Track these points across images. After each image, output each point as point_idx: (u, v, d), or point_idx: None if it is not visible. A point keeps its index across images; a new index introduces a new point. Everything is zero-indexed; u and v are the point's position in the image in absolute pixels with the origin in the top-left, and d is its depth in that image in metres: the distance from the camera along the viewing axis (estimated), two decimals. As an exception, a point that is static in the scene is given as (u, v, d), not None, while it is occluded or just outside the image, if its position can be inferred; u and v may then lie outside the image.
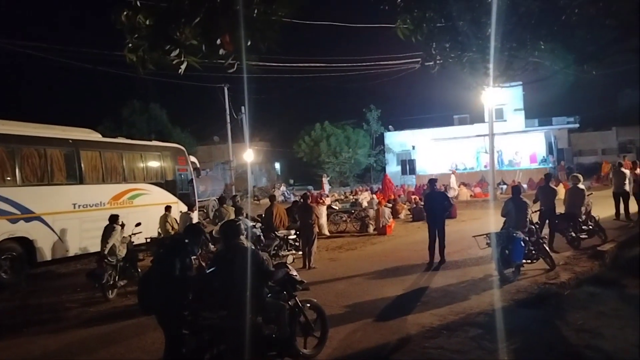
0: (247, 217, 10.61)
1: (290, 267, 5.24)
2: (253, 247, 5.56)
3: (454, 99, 32.21)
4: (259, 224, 10.66)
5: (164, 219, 11.66)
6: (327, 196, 19.72)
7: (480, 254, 9.17)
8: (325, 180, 31.40)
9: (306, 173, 41.63)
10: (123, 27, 3.62)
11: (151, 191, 13.50)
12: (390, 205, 16.72)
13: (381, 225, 14.38)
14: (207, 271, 4.99)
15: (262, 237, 10.10)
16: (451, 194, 24.66)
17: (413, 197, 19.18)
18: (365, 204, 16.75)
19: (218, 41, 3.67)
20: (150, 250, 10.64)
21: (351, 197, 19.32)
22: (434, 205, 9.12)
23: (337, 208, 16.44)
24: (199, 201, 17.60)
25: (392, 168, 37.32)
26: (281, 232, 10.65)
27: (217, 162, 41.57)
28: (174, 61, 3.70)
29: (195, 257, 4.90)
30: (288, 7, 3.68)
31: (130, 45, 3.64)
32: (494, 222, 10.28)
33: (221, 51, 3.71)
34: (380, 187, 25.32)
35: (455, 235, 12.75)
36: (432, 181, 9.48)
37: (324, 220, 14.84)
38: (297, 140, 40.65)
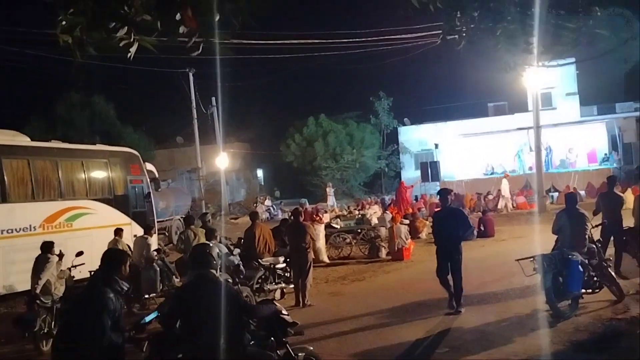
0: (221, 241, 10.62)
1: (279, 304, 5.23)
2: (229, 280, 5.53)
3: (488, 82, 32.37)
4: (237, 250, 10.70)
5: (113, 245, 11.61)
6: (326, 212, 19.76)
7: (525, 282, 9.20)
8: (329, 190, 31.47)
9: (297, 182, 41.77)
10: (54, 0, 3.53)
11: (96, 210, 13.55)
12: (408, 221, 16.77)
13: (396, 248, 14.45)
14: (166, 312, 4.97)
15: (241, 266, 10.12)
16: (501, 204, 24.87)
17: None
18: (374, 220, 16.80)
19: (177, 16, 3.56)
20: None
21: (357, 212, 19.35)
22: (445, 227, 8.59)
23: (338, 227, 16.50)
24: (158, 222, 17.61)
25: (410, 173, 37.51)
26: (266, 260, 10.70)
27: (182, 170, 41.66)
28: (121, 43, 3.59)
29: (121, 293, 4.83)
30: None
31: (64, 23, 3.49)
32: (542, 240, 10.33)
33: (182, 28, 3.59)
34: (394, 198, 25.48)
35: (493, 260, 12.85)
36: (444, 193, 8.90)
37: (321, 243, 14.89)
38: (285, 140, 40.84)
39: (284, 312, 5.12)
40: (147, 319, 5.42)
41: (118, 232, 11.88)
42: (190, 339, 4.55)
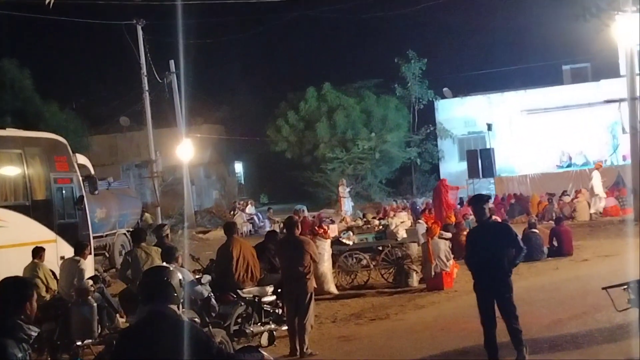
0: (183, 264, 10.67)
1: (266, 354, 5.27)
2: (196, 320, 5.54)
3: (562, 36, 32.30)
4: (207, 277, 10.75)
5: (31, 272, 11.74)
6: (333, 222, 19.78)
7: (617, 319, 9.25)
8: (343, 191, 31.53)
9: (292, 181, 41.89)
10: None
11: (6, 221, 13.63)
12: (450, 235, 16.79)
13: (433, 273, 14.47)
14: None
15: (213, 300, 10.19)
16: (594, 207, 24.68)
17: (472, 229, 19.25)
18: (402, 233, 16.82)
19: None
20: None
21: (376, 222, 19.37)
22: (484, 252, 8.53)
23: (350, 243, 16.54)
24: (95, 237, 17.65)
25: (452, 166, 37.57)
26: (249, 291, 10.77)
27: (128, 164, 41.88)
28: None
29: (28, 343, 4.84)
30: None
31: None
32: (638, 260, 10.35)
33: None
34: (431, 202, 25.44)
35: (571, 288, 12.89)
36: (478, 201, 8.78)
37: (327, 266, 14.94)
38: (275, 120, 41.14)
39: (274, 364, 5.16)
40: None
41: (38, 253, 11.95)
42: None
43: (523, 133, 33.88)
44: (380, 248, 16.23)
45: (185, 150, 33.44)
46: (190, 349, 4.61)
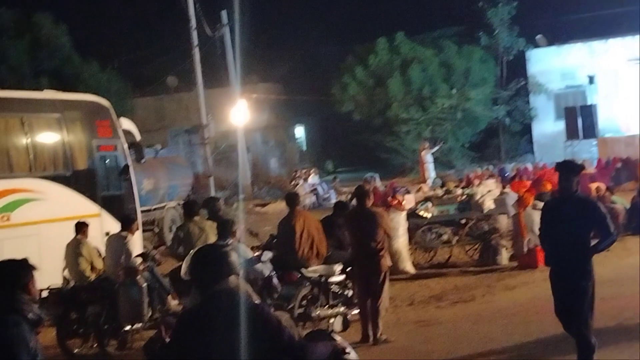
0: (240, 240, 10.78)
1: (339, 338, 5.30)
2: (257, 300, 5.59)
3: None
4: (267, 254, 10.87)
5: (74, 250, 12.06)
6: (408, 192, 19.73)
7: None
8: (426, 155, 31.11)
9: (361, 146, 41.85)
10: None
11: (45, 194, 14.00)
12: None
13: (525, 249, 14.43)
14: (160, 355, 5.09)
15: (274, 279, 10.29)
16: None
17: (594, 187, 18.88)
18: (489, 204, 16.66)
19: None
20: (49, 312, 11.11)
21: (459, 191, 19.22)
22: (563, 230, 7.91)
23: (429, 216, 16.49)
24: (143, 211, 17.96)
25: (546, 126, 37.02)
26: (314, 270, 10.88)
27: (177, 129, 42.38)
28: None
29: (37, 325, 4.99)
30: None
31: None
32: None
33: None
34: (522, 168, 25.08)
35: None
36: (567, 168, 8.19)
37: (402, 242, 14.99)
38: (340, 77, 41.27)
39: (350, 351, 5.17)
40: None
41: (80, 228, 12.21)
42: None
43: (631, 86, 33.02)
44: (464, 221, 16.22)
45: (240, 113, 33.74)
46: (258, 334, 4.66)
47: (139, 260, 11.72)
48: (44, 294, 11.34)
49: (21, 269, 5.06)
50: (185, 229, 11.37)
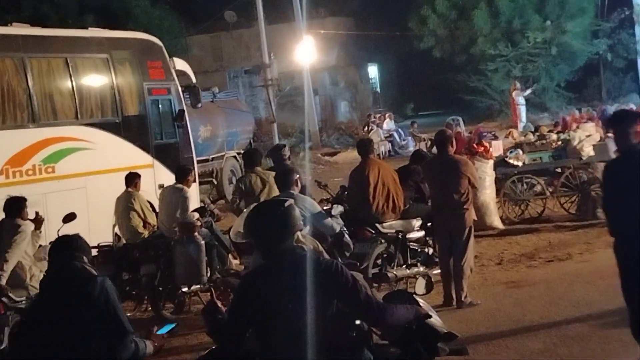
0: (305, 191, 10.82)
1: (422, 302, 5.33)
2: (328, 258, 5.69)
3: None
4: (338, 208, 10.87)
5: (125, 204, 12.26)
6: (495, 137, 19.57)
7: None
8: (518, 97, 30.46)
9: (442, 87, 41.48)
10: None
11: (93, 142, 14.23)
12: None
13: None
14: (223, 319, 5.15)
15: (346, 236, 10.35)
16: None
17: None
18: (588, 150, 16.43)
19: None
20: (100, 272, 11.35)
21: (554, 136, 19.00)
22: (627, 195, 7.19)
23: (519, 164, 16.37)
24: (200, 162, 18.25)
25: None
26: (390, 225, 10.93)
27: (235, 69, 42.56)
28: None
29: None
30: None
31: None
32: None
33: None
34: (626, 109, 24.54)
35: None
36: (620, 120, 7.54)
37: (489, 194, 14.96)
38: (419, 9, 40.97)
39: (433, 315, 5.20)
40: (162, 330, 5.77)
41: (132, 180, 12.41)
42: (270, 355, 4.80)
43: None
44: (559, 170, 16.07)
45: (306, 51, 33.79)
46: (331, 294, 4.74)
47: (197, 215, 11.79)
48: (94, 252, 11.63)
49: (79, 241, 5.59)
50: (246, 180, 11.41)
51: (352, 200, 11.34)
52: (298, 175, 9.80)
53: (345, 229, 10.38)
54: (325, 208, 10.62)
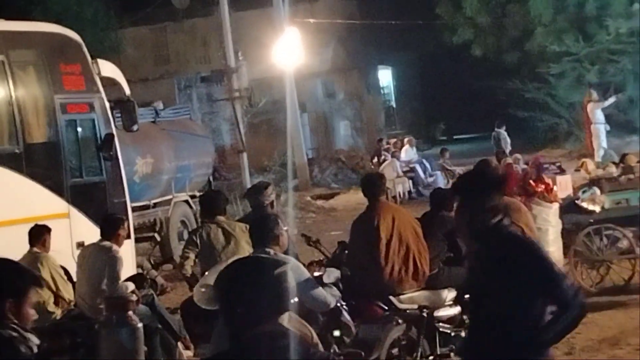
0: (288, 250, 10.74)
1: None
2: (321, 351, 5.66)
3: None
4: (333, 273, 10.87)
5: (29, 267, 12.19)
6: (563, 171, 19.59)
7: None
8: (593, 111, 30.11)
9: (485, 98, 41.35)
10: None
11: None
12: None
13: None
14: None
15: (345, 314, 10.31)
16: None
17: None
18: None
19: None
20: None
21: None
22: None
23: (597, 209, 16.38)
24: (137, 209, 18.14)
25: None
26: (410, 298, 10.97)
27: (189, 76, 42.31)
28: None
29: None
30: None
31: None
32: None
33: None
34: None
35: None
36: None
37: (553, 252, 14.71)
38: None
39: None
40: None
41: (38, 236, 12.41)
42: None
43: None
44: (656, 218, 16.02)
45: (289, 48, 33.80)
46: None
47: (131, 286, 11.81)
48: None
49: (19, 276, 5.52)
50: (203, 233, 11.47)
51: (356, 262, 11.35)
52: (284, 229, 9.76)
53: (343, 303, 10.37)
54: (316, 274, 10.56)
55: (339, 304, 10.18)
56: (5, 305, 5.34)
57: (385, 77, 50.09)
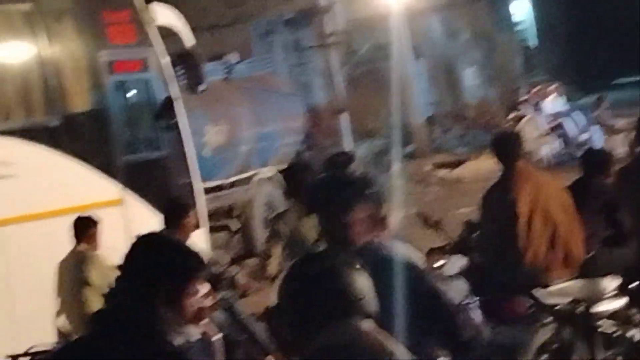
0: (398, 236, 10.70)
1: None
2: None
3: None
4: (459, 261, 10.86)
5: (74, 273, 12.43)
6: None
7: None
8: None
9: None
10: None
11: (12, 165, 14.24)
12: None
13: None
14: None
15: (473, 310, 10.21)
16: None
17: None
18: None
19: None
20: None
21: None
22: None
23: None
24: (210, 189, 18.37)
25: None
26: (560, 289, 10.91)
27: (270, 19, 42.34)
28: None
29: None
30: None
31: None
32: None
33: None
34: None
35: None
36: None
37: None
38: None
39: None
40: None
41: (84, 229, 12.61)
42: None
43: None
44: None
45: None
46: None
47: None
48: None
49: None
50: (291, 218, 11.51)
51: (488, 247, 11.37)
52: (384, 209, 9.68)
53: (472, 299, 10.41)
54: (436, 264, 10.55)
55: (465, 301, 10.20)
56: (161, 294, 5.41)
57: (521, 8, 49.79)
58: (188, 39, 17.86)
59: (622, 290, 11.07)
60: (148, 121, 16.00)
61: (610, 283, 11.04)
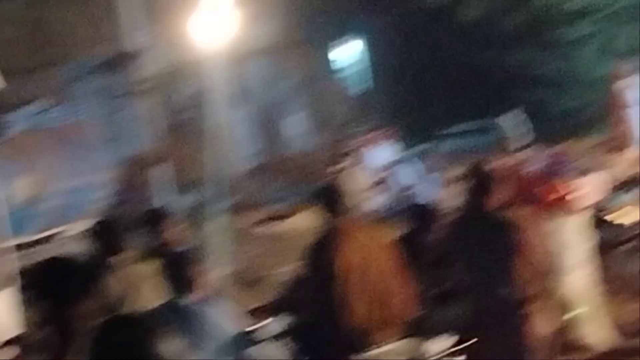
0: (218, 298, 11.00)
1: None
2: None
3: None
4: (276, 322, 11.08)
5: None
6: (588, 172, 19.94)
7: None
8: (623, 90, 30.22)
9: (485, 75, 41.48)
10: None
11: None
12: None
13: None
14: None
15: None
16: None
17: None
18: None
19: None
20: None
21: None
22: None
23: (627, 223, 16.64)
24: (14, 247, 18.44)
25: None
26: (386, 351, 10.99)
27: (81, 61, 42.38)
28: None
29: None
30: None
31: None
32: None
33: None
34: None
35: None
36: None
37: (579, 279, 14.91)
38: None
39: None
40: None
41: None
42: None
43: None
44: None
45: (217, 17, 34.03)
46: None
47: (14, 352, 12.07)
48: None
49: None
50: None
51: (311, 305, 11.49)
52: (197, 268, 10.05)
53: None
54: (255, 326, 10.73)
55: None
56: None
57: (352, 52, 50.28)
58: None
59: (458, 349, 11.22)
60: None
61: (444, 342, 11.21)
